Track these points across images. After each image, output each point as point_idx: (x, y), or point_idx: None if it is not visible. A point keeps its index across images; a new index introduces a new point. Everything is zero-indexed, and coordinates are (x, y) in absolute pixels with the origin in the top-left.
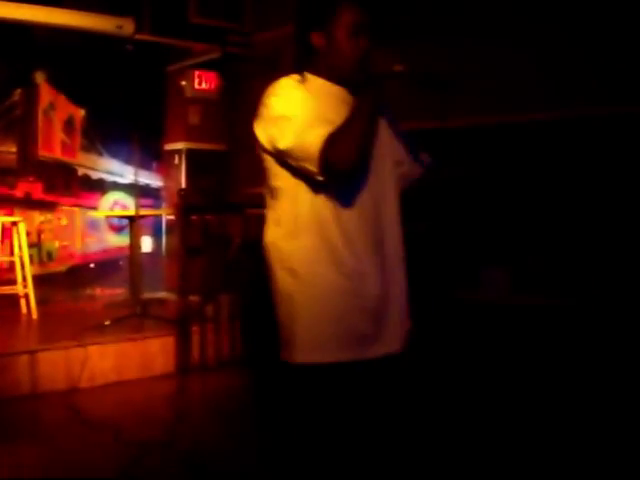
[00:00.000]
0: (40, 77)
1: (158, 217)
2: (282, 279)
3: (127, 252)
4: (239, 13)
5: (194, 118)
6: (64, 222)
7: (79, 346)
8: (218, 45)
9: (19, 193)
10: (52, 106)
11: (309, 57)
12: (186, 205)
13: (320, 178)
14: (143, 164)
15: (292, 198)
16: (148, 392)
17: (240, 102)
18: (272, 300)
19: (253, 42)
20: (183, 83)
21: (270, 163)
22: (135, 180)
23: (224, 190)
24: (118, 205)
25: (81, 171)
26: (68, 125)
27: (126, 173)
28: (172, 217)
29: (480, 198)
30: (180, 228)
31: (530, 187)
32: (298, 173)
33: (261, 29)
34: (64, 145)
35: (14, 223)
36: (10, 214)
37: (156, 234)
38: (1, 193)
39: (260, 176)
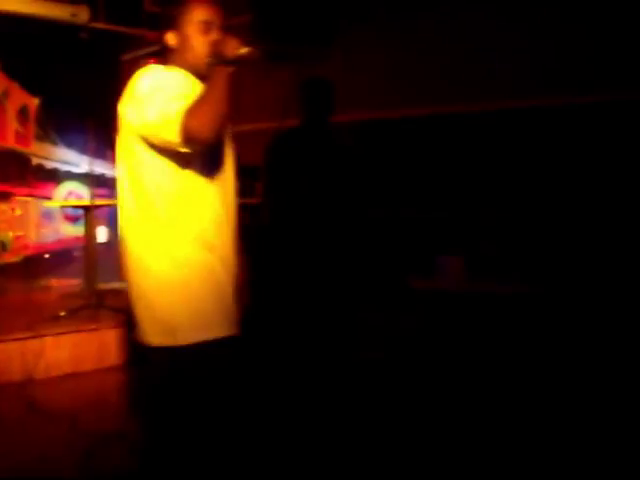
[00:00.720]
0: None
1: (113, 207)
2: (157, 267)
3: (82, 242)
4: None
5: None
6: (18, 212)
7: (34, 337)
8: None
9: None
10: (5, 94)
11: (167, 55)
12: None
13: (182, 149)
14: (98, 153)
15: (158, 185)
16: (103, 383)
17: None
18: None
19: None
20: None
21: (135, 152)
22: (90, 169)
23: None
24: (73, 195)
25: (35, 160)
26: (22, 114)
27: (81, 162)
28: None
29: (435, 186)
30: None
31: (485, 173)
32: (163, 156)
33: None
34: (17, 134)
35: None
36: None
37: (112, 224)
38: None
39: None
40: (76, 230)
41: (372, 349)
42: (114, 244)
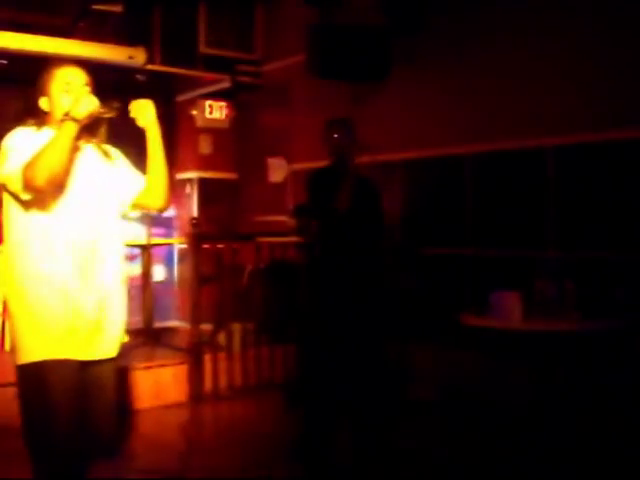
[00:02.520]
0: None
1: (170, 246)
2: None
3: (139, 281)
4: (249, 42)
5: (205, 147)
6: None
7: None
8: (228, 75)
9: None
10: None
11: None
12: (198, 234)
13: (24, 196)
14: None
15: (15, 229)
16: (160, 421)
17: (250, 131)
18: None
19: (263, 71)
20: (194, 112)
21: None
22: None
23: (235, 219)
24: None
25: None
26: None
27: None
28: (184, 246)
29: (491, 223)
30: (192, 257)
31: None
32: (15, 203)
33: (271, 58)
34: None
35: None
36: None
37: (168, 263)
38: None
39: (271, 204)
40: (133, 269)
41: (423, 389)
42: (171, 283)
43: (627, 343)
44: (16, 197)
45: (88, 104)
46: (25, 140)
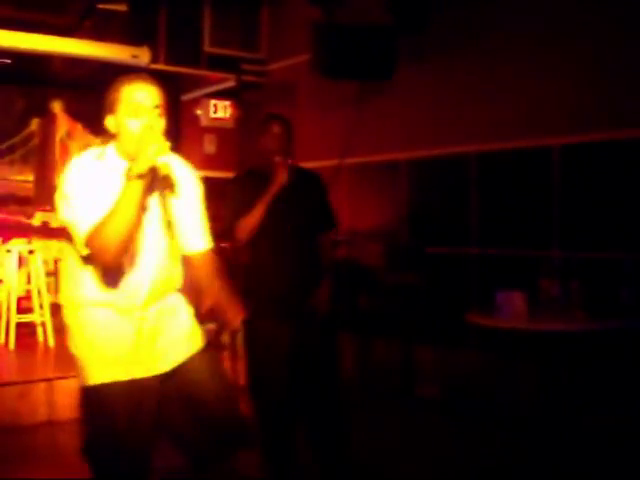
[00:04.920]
0: (57, 106)
1: None
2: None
3: None
4: (254, 41)
5: (210, 146)
6: None
7: None
8: (233, 74)
9: (37, 222)
10: (69, 135)
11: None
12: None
13: (87, 260)
14: None
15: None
16: None
17: (255, 130)
18: None
19: (268, 70)
20: (199, 112)
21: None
22: None
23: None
24: None
25: None
26: None
27: None
28: None
29: (497, 222)
30: None
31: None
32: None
33: (276, 57)
34: None
35: (31, 252)
36: (28, 243)
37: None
38: (19, 222)
39: None
40: None
41: (428, 388)
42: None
43: (632, 343)
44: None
45: (153, 153)
46: (89, 175)
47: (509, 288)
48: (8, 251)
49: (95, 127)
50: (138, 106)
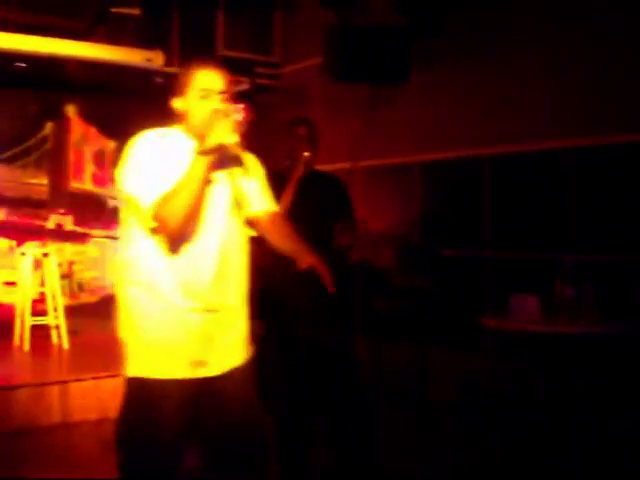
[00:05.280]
0: (71, 110)
1: None
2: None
3: None
4: (267, 45)
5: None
6: (95, 253)
7: (110, 376)
8: (247, 77)
9: (51, 225)
10: (83, 138)
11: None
12: None
13: (151, 232)
14: None
15: (133, 242)
16: None
17: (269, 133)
18: None
19: (281, 73)
20: None
21: (122, 211)
22: None
23: None
24: None
25: (112, 203)
26: (99, 157)
27: None
28: None
29: (510, 225)
30: None
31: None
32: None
33: (289, 61)
34: (95, 177)
35: (45, 254)
36: (42, 246)
37: None
38: (33, 225)
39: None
40: None
41: (442, 390)
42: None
43: None
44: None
45: (220, 132)
46: (154, 150)
47: (523, 291)
48: (22, 254)
49: (109, 130)
50: (208, 90)
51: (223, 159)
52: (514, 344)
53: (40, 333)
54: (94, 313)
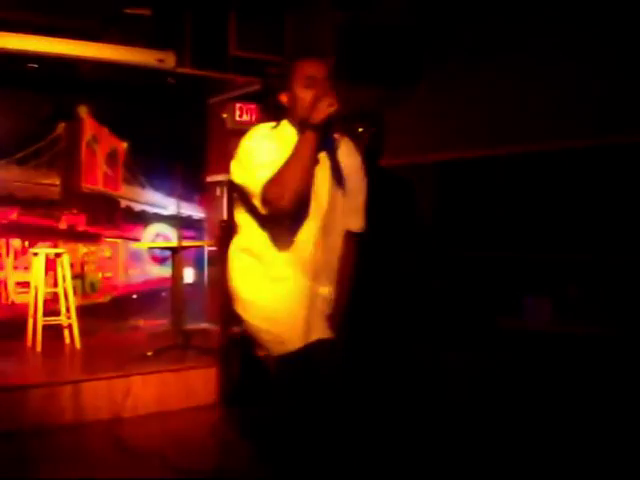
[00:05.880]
0: (83, 111)
1: (200, 248)
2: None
3: (169, 283)
4: (279, 45)
5: (235, 150)
6: (107, 253)
7: (122, 376)
8: (258, 77)
9: (63, 225)
10: (95, 139)
11: (283, 110)
12: (228, 236)
13: (264, 212)
14: (185, 196)
15: (249, 230)
16: (191, 422)
17: None
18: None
19: None
20: (224, 115)
21: (237, 200)
22: (177, 212)
23: None
24: (160, 237)
25: (124, 203)
26: (111, 158)
27: (168, 205)
28: (214, 248)
29: (524, 227)
30: (222, 259)
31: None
32: (251, 210)
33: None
34: (107, 177)
35: (58, 255)
36: (54, 246)
37: (198, 265)
38: (45, 225)
39: None
40: (163, 271)
41: (457, 392)
42: (201, 285)
43: None
44: (252, 206)
45: (328, 106)
46: (264, 142)
47: (537, 292)
48: (35, 254)
49: (121, 131)
50: (311, 79)
51: (326, 140)
52: (528, 344)
53: (52, 333)
54: (106, 313)
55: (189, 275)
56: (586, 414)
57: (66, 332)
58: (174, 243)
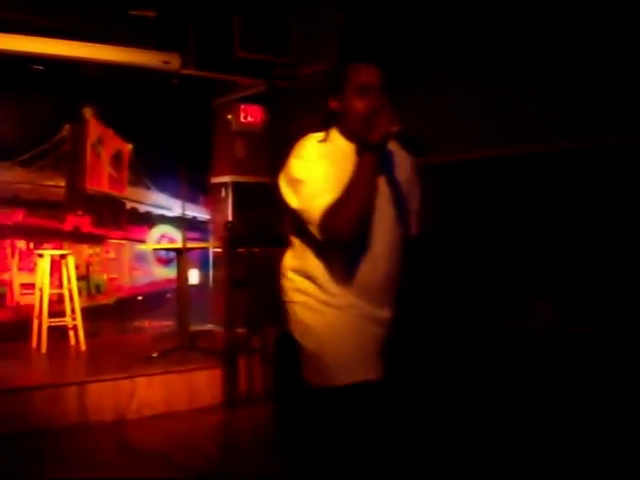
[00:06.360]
0: (88, 113)
1: (205, 250)
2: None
3: (174, 285)
4: (284, 47)
5: (240, 151)
6: (112, 255)
7: (127, 378)
8: (263, 79)
9: (68, 227)
10: (100, 141)
11: (332, 117)
12: (233, 238)
13: (321, 240)
14: (190, 197)
15: (306, 251)
16: (195, 424)
17: (285, 135)
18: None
19: (298, 75)
20: (229, 117)
21: (289, 218)
22: (182, 213)
23: (270, 222)
24: (165, 238)
25: (129, 204)
26: (116, 159)
27: (173, 206)
28: (219, 250)
29: (525, 230)
30: (227, 261)
31: (572, 219)
32: (306, 234)
33: (306, 62)
34: (112, 179)
35: (63, 256)
36: (59, 247)
37: (203, 267)
38: (51, 226)
39: None
40: (168, 273)
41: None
42: (206, 286)
43: None
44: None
45: (388, 124)
46: (319, 162)
47: (539, 293)
48: (40, 255)
49: (126, 133)
50: (365, 87)
51: (385, 159)
52: (531, 345)
53: (57, 335)
54: (111, 314)
55: (194, 276)
56: (590, 415)
57: (71, 333)
58: (179, 244)
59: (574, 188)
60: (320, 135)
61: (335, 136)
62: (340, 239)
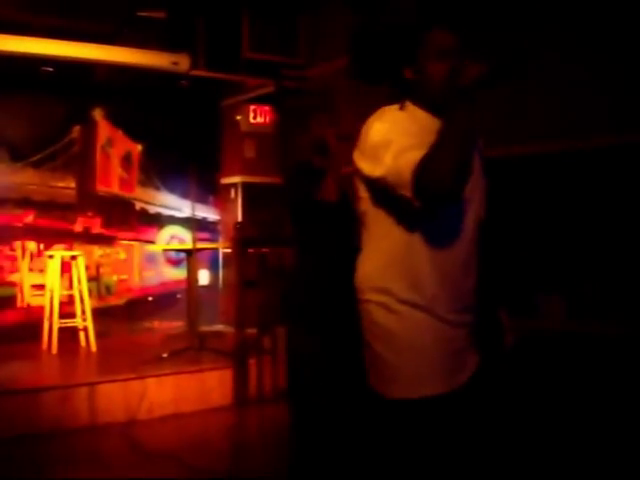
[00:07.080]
0: (98, 114)
1: (215, 250)
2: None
3: (184, 285)
4: (293, 47)
5: (249, 152)
6: (122, 256)
7: (137, 378)
8: (272, 79)
9: (78, 228)
10: (110, 142)
11: (405, 89)
12: (242, 238)
13: (416, 204)
14: (200, 198)
15: (387, 237)
16: (206, 424)
17: (294, 135)
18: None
19: (307, 75)
20: (238, 117)
21: (368, 204)
22: (192, 214)
23: (280, 223)
24: (175, 239)
25: (139, 205)
26: (126, 160)
27: (183, 207)
28: (228, 250)
29: (538, 225)
30: (237, 261)
31: (587, 214)
32: (394, 212)
33: (315, 62)
34: (122, 180)
35: (73, 257)
36: (70, 248)
37: (213, 267)
38: (61, 228)
39: None
40: (178, 273)
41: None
42: (215, 287)
43: None
44: (398, 204)
45: (476, 68)
46: (401, 122)
47: (550, 290)
48: (50, 257)
49: (136, 134)
50: (445, 52)
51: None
52: (541, 344)
53: (68, 336)
54: (121, 315)
55: (204, 277)
56: (603, 414)
57: (81, 334)
58: (189, 245)
59: (588, 185)
60: (395, 106)
61: (411, 108)
62: (443, 193)
